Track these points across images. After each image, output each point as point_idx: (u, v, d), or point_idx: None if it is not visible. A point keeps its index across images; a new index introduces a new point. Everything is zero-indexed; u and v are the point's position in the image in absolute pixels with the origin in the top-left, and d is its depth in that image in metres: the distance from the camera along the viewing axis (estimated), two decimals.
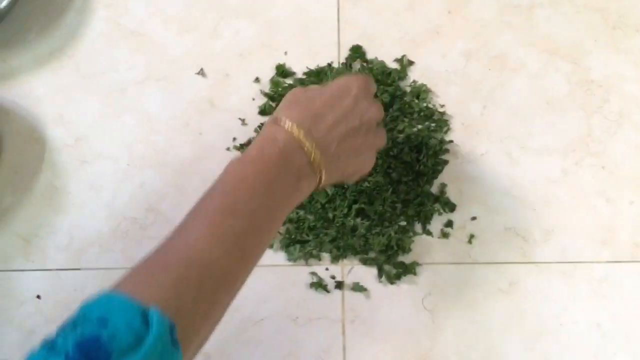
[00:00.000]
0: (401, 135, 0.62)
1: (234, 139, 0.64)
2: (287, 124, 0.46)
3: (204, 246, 0.41)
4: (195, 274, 0.39)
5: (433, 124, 0.63)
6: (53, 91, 0.67)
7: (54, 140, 0.65)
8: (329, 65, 0.66)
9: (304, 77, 0.66)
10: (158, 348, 0.33)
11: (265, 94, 0.65)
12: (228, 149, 0.64)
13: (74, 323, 0.34)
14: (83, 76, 0.67)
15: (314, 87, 0.50)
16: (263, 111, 0.65)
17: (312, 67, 0.66)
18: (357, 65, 0.66)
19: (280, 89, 0.65)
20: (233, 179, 0.45)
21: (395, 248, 0.59)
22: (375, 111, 0.51)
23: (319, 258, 0.60)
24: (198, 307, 0.39)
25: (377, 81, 0.63)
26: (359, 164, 0.51)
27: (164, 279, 0.38)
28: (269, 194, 0.44)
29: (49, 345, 0.33)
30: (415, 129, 0.62)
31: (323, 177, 0.47)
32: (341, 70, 0.65)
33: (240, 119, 0.65)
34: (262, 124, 0.64)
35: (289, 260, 0.60)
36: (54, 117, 0.66)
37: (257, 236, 0.44)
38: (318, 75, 0.65)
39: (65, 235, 0.62)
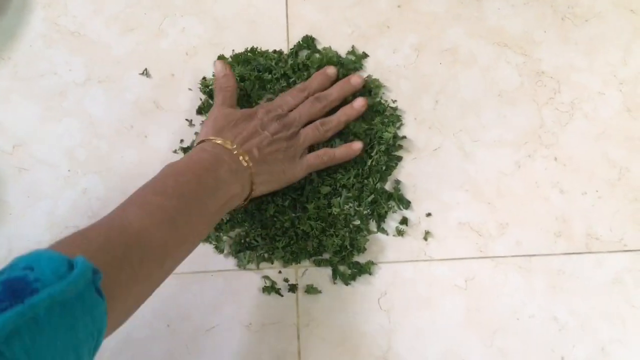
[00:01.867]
0: (351, 132, 0.60)
1: (181, 140, 0.62)
2: (213, 138, 0.53)
3: (133, 217, 0.45)
4: (124, 238, 0.43)
5: (385, 120, 0.62)
6: None
7: None
8: (275, 51, 0.64)
9: (249, 54, 0.64)
10: (80, 285, 0.35)
11: (204, 92, 0.63)
12: (175, 151, 0.62)
13: (1, 271, 0.35)
14: (21, 79, 0.64)
15: (227, 110, 0.57)
16: (201, 109, 0.63)
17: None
18: (303, 53, 0.64)
19: (211, 86, 0.63)
20: (164, 173, 0.50)
21: (350, 248, 0.58)
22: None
23: (271, 262, 0.58)
24: (124, 269, 0.41)
25: (329, 63, 0.63)
26: (284, 169, 0.56)
27: (93, 239, 0.42)
28: (198, 183, 0.49)
29: None
30: (365, 126, 0.61)
31: (254, 176, 0.53)
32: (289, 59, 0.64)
33: (187, 119, 0.63)
34: (196, 133, 0.62)
35: (239, 266, 0.58)
36: None
37: (187, 215, 0.48)
38: (262, 56, 0.64)
39: (4, 247, 0.59)
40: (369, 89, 0.63)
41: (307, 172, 0.58)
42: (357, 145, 0.59)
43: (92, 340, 0.37)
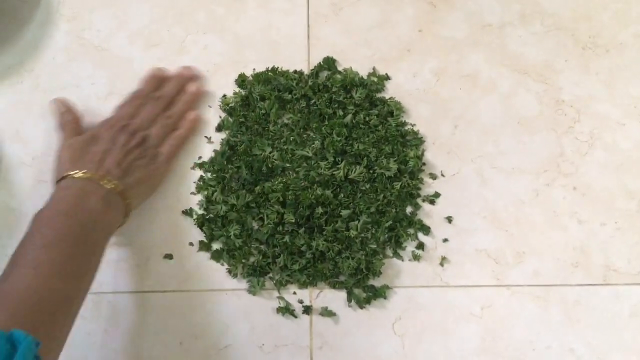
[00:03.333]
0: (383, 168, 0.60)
1: (199, 157, 0.62)
2: (69, 174, 0.54)
3: (26, 279, 0.46)
4: (30, 306, 0.45)
5: (408, 143, 0.62)
6: (11, 107, 0.64)
7: (10, 158, 0.62)
8: (295, 71, 0.65)
9: (270, 73, 0.64)
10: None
11: (224, 110, 0.63)
12: (192, 167, 0.62)
13: None
14: (43, 91, 0.65)
15: (71, 140, 0.58)
16: (220, 127, 0.63)
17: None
18: (324, 74, 0.64)
19: (230, 104, 0.63)
20: (37, 224, 0.51)
21: (365, 272, 0.57)
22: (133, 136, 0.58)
23: (283, 284, 0.58)
24: (39, 334, 0.42)
25: (351, 84, 0.63)
26: (149, 173, 0.58)
27: (9, 306, 0.44)
28: (73, 222, 0.50)
29: None
30: (388, 150, 0.61)
31: (124, 193, 0.54)
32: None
33: (206, 137, 0.63)
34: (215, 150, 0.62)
35: (251, 292, 0.58)
36: (11, 133, 0.63)
37: (75, 258, 0.49)
38: (283, 76, 0.64)
39: None
40: (390, 110, 0.63)
41: (170, 162, 0.60)
42: (192, 116, 0.62)
43: None
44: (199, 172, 0.62)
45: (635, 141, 0.62)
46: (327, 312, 0.57)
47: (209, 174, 0.61)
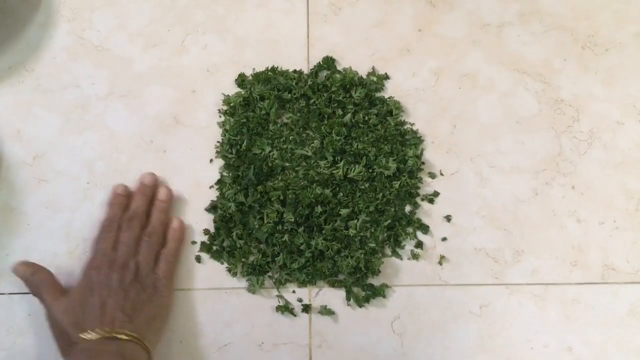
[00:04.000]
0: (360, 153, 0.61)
1: (211, 160, 0.62)
2: (80, 337, 0.49)
3: None
4: None
5: (407, 142, 0.62)
6: (11, 106, 0.65)
7: (10, 158, 0.63)
8: (295, 71, 0.65)
9: (269, 73, 0.64)
10: None
11: (224, 112, 0.64)
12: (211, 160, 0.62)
13: None
14: (43, 91, 0.65)
15: (64, 303, 0.53)
16: (226, 130, 0.63)
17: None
18: (323, 73, 0.65)
19: (232, 104, 0.64)
20: None
21: (364, 270, 0.57)
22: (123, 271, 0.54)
23: (283, 283, 0.58)
24: None
25: (351, 83, 0.63)
26: (156, 304, 0.54)
27: None
28: None
29: None
30: (388, 149, 0.61)
31: (140, 338, 0.50)
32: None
33: (211, 159, 0.63)
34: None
35: (250, 291, 0.58)
36: (12, 133, 0.63)
37: None
38: (283, 75, 0.64)
39: (20, 257, 0.59)
40: (390, 109, 0.63)
41: (171, 284, 0.56)
42: (175, 225, 0.58)
43: None
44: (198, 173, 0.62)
45: (634, 140, 0.62)
46: (326, 311, 0.57)
47: (224, 172, 0.61)
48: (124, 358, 0.48)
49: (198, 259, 0.59)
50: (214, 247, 0.59)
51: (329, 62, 0.65)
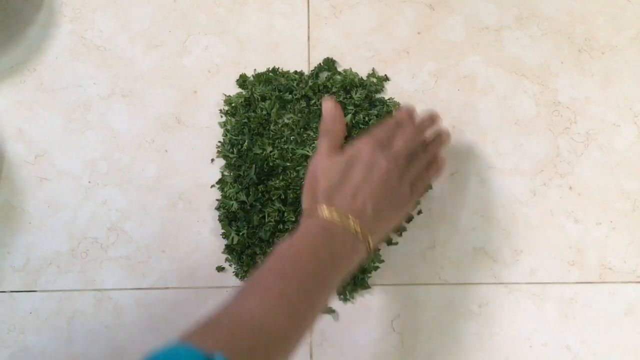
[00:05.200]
0: None
1: (212, 160, 0.63)
2: (320, 212, 0.49)
3: (254, 306, 0.43)
4: (248, 329, 0.42)
5: None
6: (14, 106, 0.65)
7: (12, 157, 0.63)
8: (296, 72, 0.66)
9: (270, 74, 0.65)
10: None
11: (225, 112, 0.64)
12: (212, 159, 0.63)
13: None
14: (45, 91, 0.66)
15: (328, 163, 0.52)
16: (227, 131, 0.63)
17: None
18: (324, 75, 0.65)
19: (233, 104, 0.64)
20: (280, 252, 0.48)
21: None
22: (398, 157, 0.52)
23: None
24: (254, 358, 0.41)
25: (351, 84, 0.64)
26: (399, 213, 0.53)
27: (220, 332, 0.41)
28: (315, 261, 0.47)
29: None
30: None
31: (370, 241, 0.49)
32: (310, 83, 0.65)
33: (212, 159, 0.63)
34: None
35: None
36: (14, 132, 0.64)
37: (307, 299, 0.45)
38: (283, 76, 0.65)
39: (22, 256, 0.59)
40: (389, 110, 0.64)
41: (415, 202, 0.57)
42: (442, 163, 0.57)
43: None
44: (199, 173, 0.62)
45: (630, 142, 0.63)
46: (326, 309, 0.58)
47: (226, 172, 0.62)
48: (353, 249, 0.48)
49: (220, 269, 0.59)
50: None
51: (329, 64, 0.66)
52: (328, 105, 0.57)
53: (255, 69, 0.66)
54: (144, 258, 0.60)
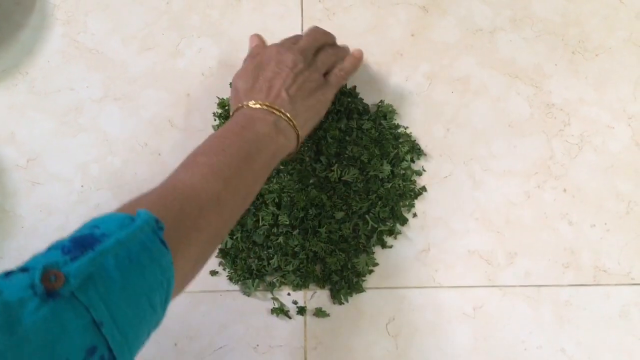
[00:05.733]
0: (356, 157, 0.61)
1: None
2: (244, 104, 0.54)
3: (183, 176, 0.46)
4: (178, 193, 0.44)
5: (400, 145, 0.62)
6: (5, 109, 0.65)
7: (4, 161, 0.62)
8: None
9: None
10: (145, 232, 0.37)
11: (219, 115, 0.64)
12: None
13: (70, 234, 0.37)
14: (37, 94, 0.65)
15: (242, 69, 0.58)
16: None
17: None
18: None
19: (226, 107, 0.64)
20: (207, 139, 0.51)
21: (349, 269, 0.58)
22: (302, 57, 0.57)
23: (277, 286, 0.58)
24: (183, 220, 0.42)
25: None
26: (318, 98, 0.57)
27: (150, 198, 0.43)
28: (239, 139, 0.50)
29: (49, 246, 0.36)
30: (378, 152, 0.61)
31: (293, 119, 0.54)
32: None
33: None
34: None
35: (245, 294, 0.58)
36: (5, 136, 0.63)
37: (234, 168, 0.48)
38: None
39: (14, 261, 0.58)
40: (384, 113, 0.63)
41: (334, 93, 0.59)
42: (359, 53, 0.62)
43: (162, 291, 0.38)
44: None
45: (624, 144, 0.63)
46: (321, 313, 0.57)
47: None
48: (276, 128, 0.52)
49: (213, 273, 0.59)
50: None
51: None
52: (254, 38, 0.63)
53: None
54: None
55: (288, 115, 0.53)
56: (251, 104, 0.53)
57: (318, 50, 0.59)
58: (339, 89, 0.60)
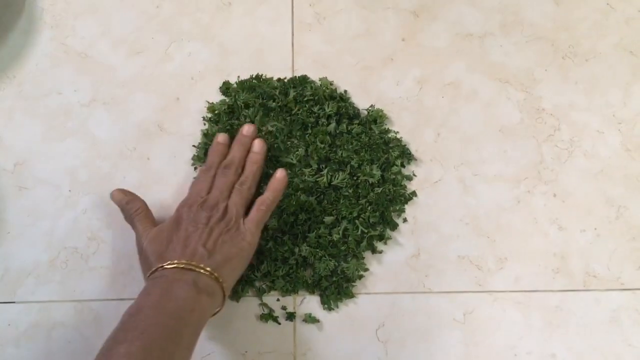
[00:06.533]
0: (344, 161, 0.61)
1: (195, 167, 0.62)
2: (159, 266, 0.51)
3: None
4: None
5: (390, 150, 0.62)
6: None
7: None
8: (279, 79, 0.65)
9: (254, 81, 0.64)
10: None
11: (208, 120, 0.63)
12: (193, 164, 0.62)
13: None
14: (25, 98, 0.65)
15: (153, 233, 0.55)
16: (206, 134, 0.63)
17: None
18: (298, 88, 0.64)
19: (216, 111, 0.63)
20: (121, 320, 0.47)
21: (340, 274, 0.58)
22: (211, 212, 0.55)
23: (266, 291, 0.58)
24: None
25: (323, 97, 0.63)
26: (238, 247, 0.54)
27: None
28: (158, 313, 0.47)
29: None
30: (369, 157, 0.61)
31: (215, 273, 0.51)
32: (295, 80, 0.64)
33: (194, 166, 0.63)
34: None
35: (233, 299, 0.58)
36: None
37: (160, 354, 0.45)
38: (266, 83, 0.64)
39: (0, 266, 0.58)
40: (374, 118, 0.63)
41: (258, 231, 0.56)
42: (280, 174, 0.59)
43: None
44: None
45: (614, 149, 0.63)
46: (310, 319, 0.57)
47: None
48: (197, 287, 0.49)
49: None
50: None
51: (303, 81, 0.64)
52: (117, 194, 0.58)
53: (238, 76, 0.65)
54: (125, 268, 0.59)
55: (209, 269, 0.51)
56: (166, 265, 0.51)
57: (231, 191, 0.57)
58: (264, 222, 0.57)
